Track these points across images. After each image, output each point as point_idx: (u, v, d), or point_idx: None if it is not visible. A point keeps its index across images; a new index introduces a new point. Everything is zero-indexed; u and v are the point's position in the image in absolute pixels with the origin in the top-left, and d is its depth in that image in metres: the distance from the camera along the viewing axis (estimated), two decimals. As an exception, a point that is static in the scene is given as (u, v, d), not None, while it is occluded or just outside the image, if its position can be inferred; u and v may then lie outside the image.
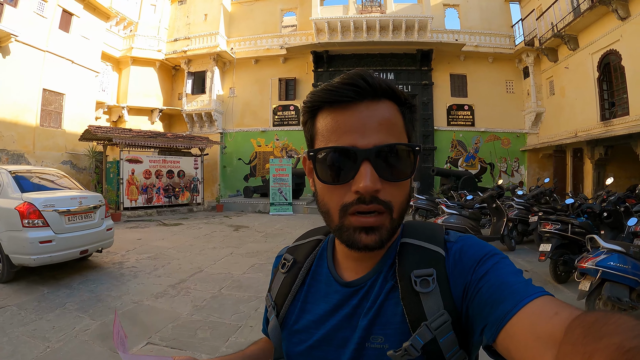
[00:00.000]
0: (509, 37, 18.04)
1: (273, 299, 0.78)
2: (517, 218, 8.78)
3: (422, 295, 0.62)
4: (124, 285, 5.26)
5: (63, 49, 14.44)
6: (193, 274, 5.90)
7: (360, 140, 0.61)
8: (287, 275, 0.79)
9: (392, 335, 0.63)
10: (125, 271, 6.00)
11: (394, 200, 0.63)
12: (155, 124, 19.15)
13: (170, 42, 19.23)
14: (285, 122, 18.61)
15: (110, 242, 6.43)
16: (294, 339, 0.73)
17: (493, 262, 0.62)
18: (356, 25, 16.81)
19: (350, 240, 0.64)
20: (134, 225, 11.21)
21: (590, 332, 0.38)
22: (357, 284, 0.70)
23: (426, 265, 0.65)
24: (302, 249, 0.82)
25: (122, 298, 4.74)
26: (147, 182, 13.96)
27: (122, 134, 13.69)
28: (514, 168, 17.87)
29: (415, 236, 0.70)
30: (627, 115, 11.75)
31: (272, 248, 8.00)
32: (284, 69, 18.68)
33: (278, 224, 11.91)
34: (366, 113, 0.62)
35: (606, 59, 12.97)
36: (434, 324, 0.60)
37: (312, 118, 0.68)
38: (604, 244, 4.31)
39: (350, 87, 0.61)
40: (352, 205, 0.62)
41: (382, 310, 0.66)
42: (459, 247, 0.67)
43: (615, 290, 4.01)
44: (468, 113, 17.90)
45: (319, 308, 0.72)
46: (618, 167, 13.55)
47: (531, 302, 0.52)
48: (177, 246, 8.07)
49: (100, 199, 6.21)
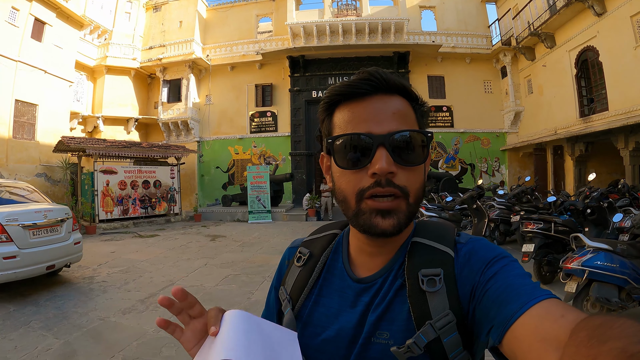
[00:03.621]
0: (486, 37, 18.68)
1: (288, 293, 0.81)
2: (498, 218, 8.84)
3: (428, 294, 0.65)
4: (91, 301, 5.29)
5: (36, 58, 14.53)
6: (164, 288, 5.95)
7: (375, 128, 0.66)
8: (304, 268, 0.81)
9: (397, 332, 0.66)
10: (95, 286, 6.04)
11: (410, 186, 0.67)
12: (131, 133, 19.40)
13: (146, 50, 19.50)
14: (262, 129, 19.01)
15: (78, 257, 6.41)
16: (306, 332, 0.75)
17: (502, 264, 0.64)
18: (332, 29, 17.32)
19: (367, 224, 0.67)
20: (109, 238, 11.33)
21: (595, 335, 0.39)
22: (369, 281, 0.73)
23: (434, 265, 0.68)
24: (318, 242, 0.85)
25: (89, 315, 4.76)
26: (123, 193, 14.15)
27: (96, 144, 13.82)
28: (495, 168, 18.44)
29: (426, 235, 0.73)
30: (607, 111, 12.12)
31: (247, 258, 8.14)
32: (260, 74, 19.10)
33: (256, 233, 12.13)
34: (380, 104, 0.68)
35: (583, 56, 13.38)
36: (439, 323, 0.62)
37: (330, 115, 0.74)
38: (590, 243, 4.23)
39: (365, 81, 0.68)
40: (369, 189, 0.65)
41: (391, 307, 0.69)
42: (469, 249, 0.70)
43: (603, 291, 3.94)
44: (447, 114, 18.45)
45: (334, 302, 0.75)
46: (599, 163, 13.98)
47: (537, 304, 0.53)
48: (150, 258, 8.20)
49: (67, 212, 6.22)
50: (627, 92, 11.17)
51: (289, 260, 0.87)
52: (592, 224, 5.88)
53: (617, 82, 11.70)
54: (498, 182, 16.93)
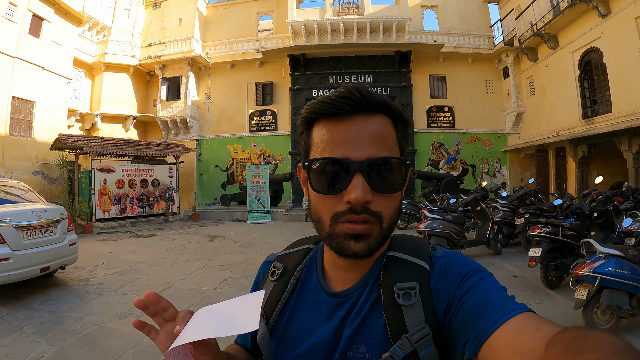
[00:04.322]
0: (488, 37, 18.62)
1: (262, 307, 0.80)
2: (502, 220, 8.72)
3: (404, 308, 0.65)
4: (87, 305, 5.14)
5: (33, 55, 14.45)
6: (162, 291, 5.78)
7: (353, 153, 0.65)
8: (277, 283, 0.81)
9: (373, 346, 0.66)
10: (91, 288, 5.89)
11: (384, 212, 0.67)
12: (129, 131, 19.30)
13: (145, 48, 19.42)
14: (262, 128, 18.93)
15: (74, 258, 6.27)
16: (281, 347, 0.75)
17: (477, 278, 0.65)
18: (333, 27, 17.23)
19: (339, 247, 0.67)
20: (106, 238, 11.20)
21: (571, 348, 0.40)
22: (344, 295, 0.73)
23: (410, 279, 0.68)
24: (292, 257, 0.85)
25: (84, 319, 4.61)
26: (120, 192, 14.04)
27: (93, 142, 13.72)
28: (496, 169, 18.39)
29: (402, 249, 0.74)
30: (610, 113, 12.09)
31: (247, 259, 7.97)
32: (261, 73, 19.02)
33: (255, 233, 12.01)
34: (360, 126, 0.66)
35: (587, 57, 13.34)
36: (415, 336, 0.62)
37: (309, 129, 0.72)
38: (601, 249, 4.15)
39: (345, 100, 0.65)
40: (344, 215, 0.65)
41: (366, 321, 0.69)
42: (445, 263, 0.70)
43: (614, 298, 3.88)
44: (448, 114, 18.39)
45: (309, 317, 0.75)
46: (601, 165, 13.99)
47: (513, 317, 0.54)
48: (148, 259, 8.06)
49: (62, 212, 6.08)
50: (632, 94, 11.13)
51: (264, 275, 0.87)
52: (598, 227, 5.77)
53: (621, 83, 11.66)
54: (499, 183, 16.94)
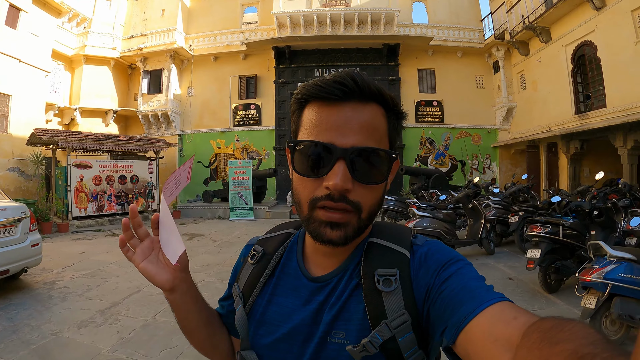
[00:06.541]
0: (479, 31, 18.40)
1: (241, 290, 0.81)
2: (495, 218, 8.44)
3: (384, 294, 0.65)
4: (48, 312, 4.84)
5: (9, 46, 13.99)
6: (129, 295, 5.51)
7: (339, 139, 0.64)
8: (256, 266, 0.81)
9: (353, 331, 0.67)
10: (55, 293, 5.57)
11: (364, 202, 0.67)
12: (109, 126, 18.82)
13: (126, 40, 18.95)
14: (246, 122, 18.58)
15: (37, 260, 5.89)
16: (260, 331, 0.75)
17: (457, 267, 0.65)
18: (320, 19, 16.86)
19: (316, 232, 0.68)
20: (82, 237, 10.85)
21: (547, 338, 0.41)
22: (324, 280, 0.74)
23: (390, 266, 0.68)
24: (273, 241, 0.85)
25: (42, 328, 4.31)
26: (98, 189, 13.57)
27: (70, 137, 13.25)
28: (486, 165, 18.20)
29: (383, 237, 0.74)
30: (604, 108, 11.92)
31: (224, 260, 7.75)
32: (245, 66, 18.64)
33: (237, 231, 11.72)
34: (350, 114, 0.65)
35: (580, 51, 13.16)
36: (394, 322, 0.63)
37: (300, 110, 0.71)
38: (612, 252, 3.86)
39: (338, 85, 0.64)
40: (321, 200, 0.65)
41: (346, 306, 0.69)
42: (425, 251, 0.71)
43: (626, 307, 3.57)
44: (437, 109, 18.15)
45: (287, 301, 0.75)
46: (594, 162, 13.91)
47: (491, 306, 0.55)
48: (120, 260, 7.60)
49: (24, 211, 5.70)
50: (627, 89, 10.94)
51: (244, 258, 0.88)
52: (599, 226, 5.49)
53: (615, 78, 11.49)
54: (489, 179, 16.73)
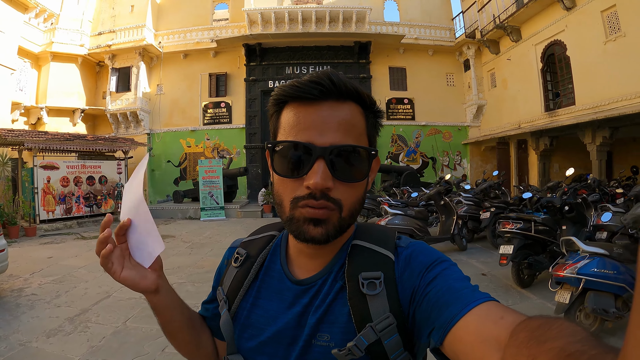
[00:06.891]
0: (450, 29, 18.59)
1: (225, 293, 0.81)
2: (467, 215, 8.53)
3: (369, 297, 0.65)
4: (15, 320, 4.68)
5: (-27, 43, 13.42)
6: (98, 301, 5.37)
7: (317, 138, 0.65)
8: (240, 269, 0.81)
9: (338, 334, 0.67)
10: (23, 300, 5.39)
11: (345, 200, 0.67)
12: (77, 125, 18.36)
13: (94, 36, 18.48)
14: (216, 120, 18.41)
15: (3, 267, 5.62)
16: (245, 334, 0.75)
17: (442, 268, 0.66)
18: (291, 16, 16.77)
19: (298, 230, 0.67)
20: (50, 241, 10.61)
21: (535, 336, 0.41)
22: (308, 283, 0.73)
23: (374, 268, 0.68)
24: (256, 243, 0.85)
25: (9, 339, 4.16)
26: (65, 191, 13.25)
27: (36, 137, 12.88)
28: (457, 162, 18.48)
29: (367, 239, 0.74)
30: (573, 105, 12.20)
31: (195, 262, 7.66)
32: (215, 63, 18.44)
33: (208, 232, 11.66)
34: (328, 112, 0.66)
35: (550, 50, 13.46)
36: (379, 325, 0.63)
37: (278, 112, 0.71)
38: (585, 247, 3.93)
39: (315, 85, 0.65)
40: (303, 199, 0.65)
41: (330, 309, 0.69)
42: (409, 253, 0.71)
43: (600, 301, 3.67)
44: (408, 107, 18.31)
45: (272, 304, 0.75)
46: (563, 158, 14.32)
47: (477, 306, 0.55)
48: (89, 264, 7.47)
49: None
50: (595, 87, 11.23)
51: (228, 261, 0.87)
52: (570, 221, 5.61)
53: (584, 76, 11.75)
54: (460, 176, 17.00)
